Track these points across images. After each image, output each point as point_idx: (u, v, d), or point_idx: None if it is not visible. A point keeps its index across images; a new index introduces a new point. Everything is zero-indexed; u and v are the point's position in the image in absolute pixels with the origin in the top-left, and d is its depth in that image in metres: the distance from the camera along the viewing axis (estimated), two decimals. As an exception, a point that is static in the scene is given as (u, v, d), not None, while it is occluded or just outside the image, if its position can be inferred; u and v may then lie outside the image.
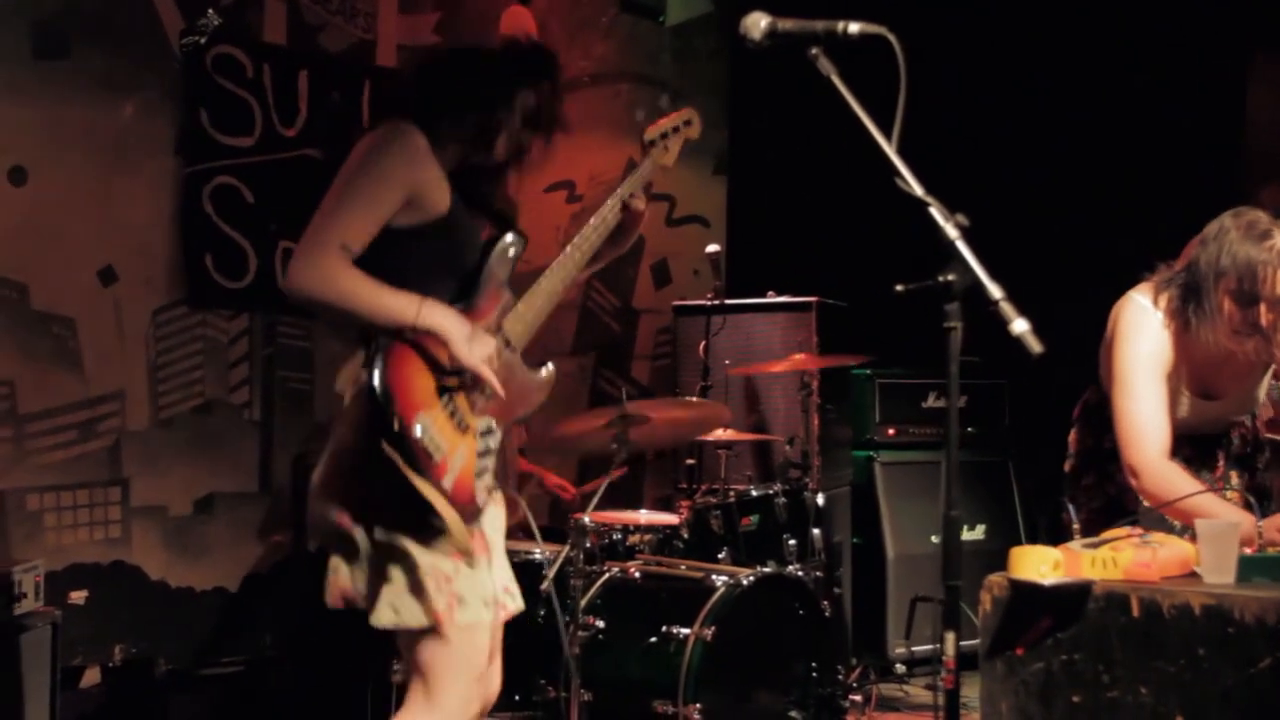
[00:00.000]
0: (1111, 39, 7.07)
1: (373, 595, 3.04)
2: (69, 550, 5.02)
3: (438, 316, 3.04)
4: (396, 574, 3.03)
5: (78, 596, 4.97)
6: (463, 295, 3.19)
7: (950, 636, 2.54)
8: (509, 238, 3.32)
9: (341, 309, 3.04)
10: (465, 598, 3.07)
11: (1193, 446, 3.90)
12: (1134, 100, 6.95)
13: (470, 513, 3.07)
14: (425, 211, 3.13)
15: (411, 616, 3.03)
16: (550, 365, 3.33)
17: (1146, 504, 3.75)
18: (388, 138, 3.13)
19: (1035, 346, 2.43)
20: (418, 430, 2.96)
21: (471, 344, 3.07)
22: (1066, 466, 4.36)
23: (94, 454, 5.09)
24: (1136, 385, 3.77)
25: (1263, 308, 3.62)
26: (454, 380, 3.07)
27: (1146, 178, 6.38)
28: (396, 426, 2.94)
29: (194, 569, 5.26)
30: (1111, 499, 3.92)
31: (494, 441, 3.16)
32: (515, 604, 3.26)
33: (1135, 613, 3.22)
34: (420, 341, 3.03)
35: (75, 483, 5.05)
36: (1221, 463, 4.01)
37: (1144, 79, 6.97)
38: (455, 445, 3.05)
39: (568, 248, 3.38)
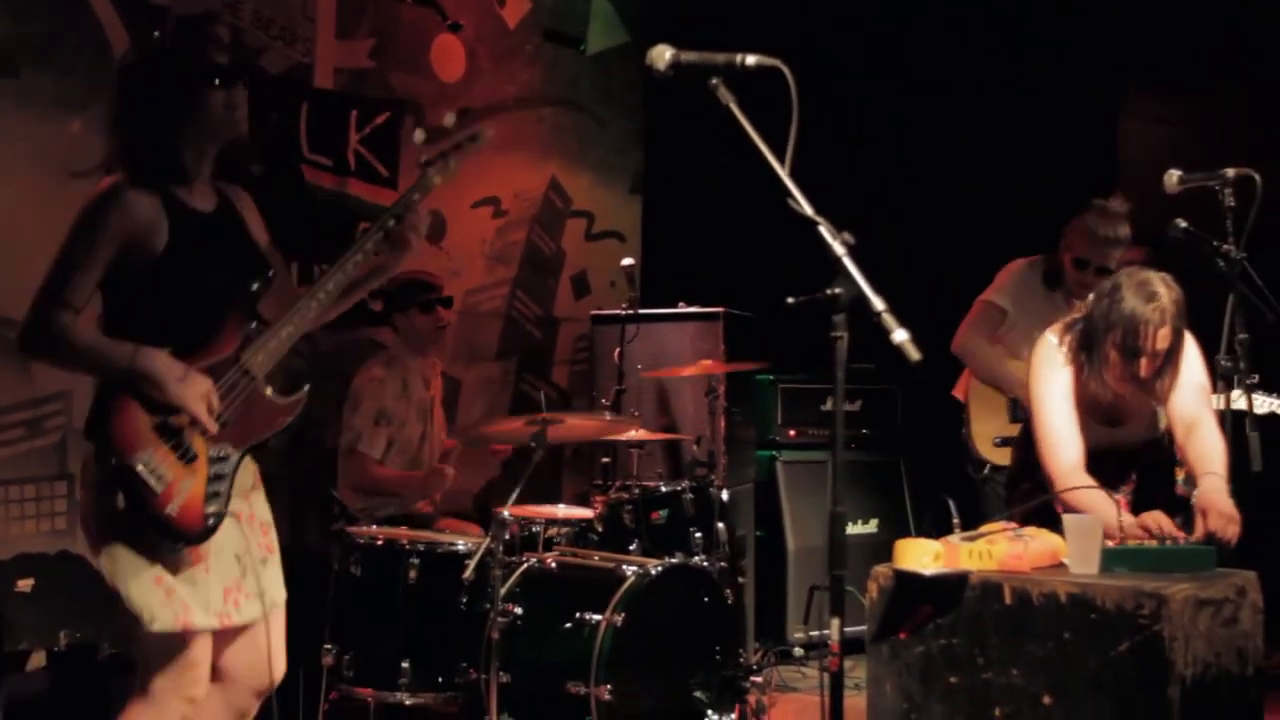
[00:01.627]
0: (995, 75, 7.17)
1: (129, 604, 3.15)
2: (16, 541, 4.92)
3: (148, 361, 3.10)
4: (136, 587, 3.14)
5: (25, 585, 4.89)
6: (198, 330, 3.22)
7: (835, 622, 2.57)
8: (253, 274, 3.33)
9: (67, 363, 3.21)
10: (191, 605, 3.18)
11: (1107, 464, 3.98)
12: (1015, 131, 7.05)
13: (197, 534, 3.16)
14: (141, 257, 3.17)
15: (160, 622, 3.14)
16: (304, 389, 3.35)
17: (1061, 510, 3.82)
18: (97, 200, 3.19)
19: (913, 354, 2.46)
20: (138, 466, 3.07)
21: (183, 385, 3.12)
22: (1008, 475, 4.52)
23: (41, 450, 4.99)
24: (1049, 409, 3.93)
25: (1144, 361, 3.78)
26: (178, 418, 3.13)
27: (1028, 203, 6.46)
28: (114, 462, 3.07)
29: (136, 559, 5.18)
30: (1044, 503, 3.99)
31: (227, 468, 3.22)
32: (241, 617, 3.31)
33: (1008, 600, 3.27)
34: (137, 386, 3.10)
35: (23, 477, 4.95)
36: (1134, 478, 4.11)
37: (1025, 111, 7.07)
38: (180, 476, 3.13)
39: (323, 281, 3.36)
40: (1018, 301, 5.31)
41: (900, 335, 2.48)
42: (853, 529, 6.68)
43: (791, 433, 6.78)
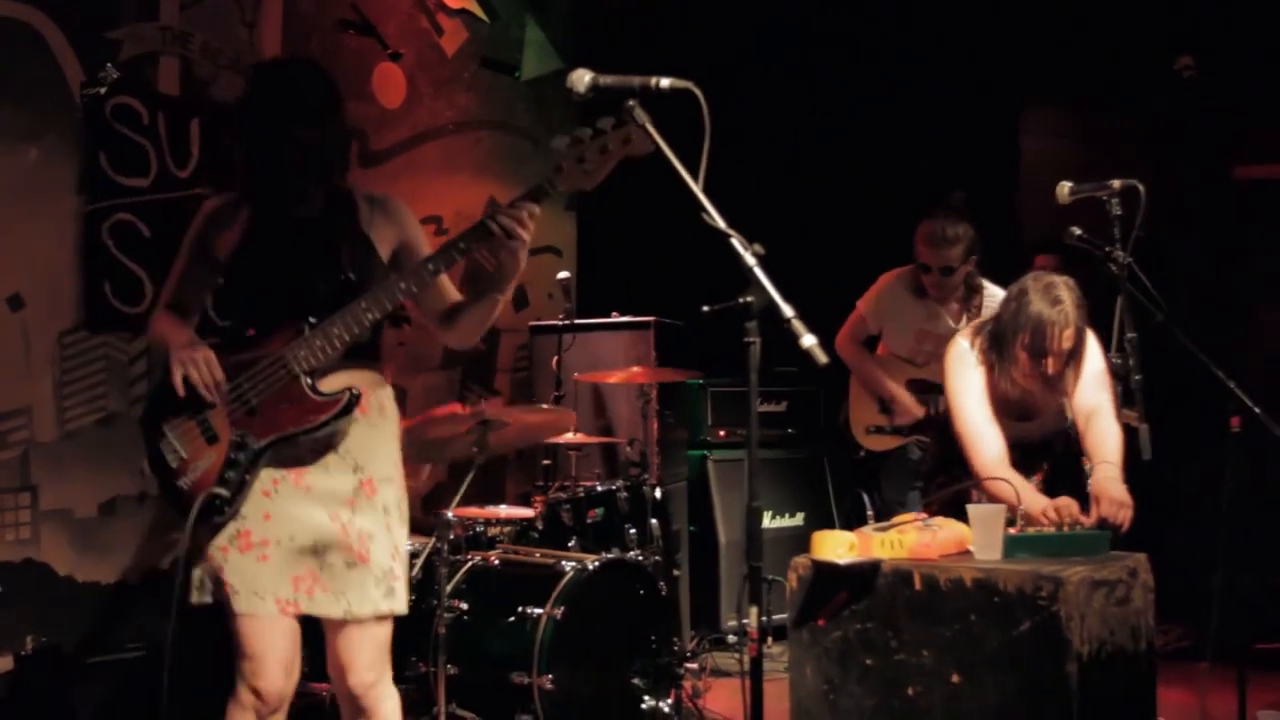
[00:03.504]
0: (903, 91, 7.23)
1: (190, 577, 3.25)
2: (-18, 551, 4.86)
3: (161, 331, 3.27)
4: (196, 559, 3.23)
5: (-9, 592, 4.82)
6: (259, 325, 3.25)
7: (753, 611, 2.57)
8: (325, 277, 3.30)
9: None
10: (235, 587, 3.18)
11: (1019, 455, 4.02)
12: (923, 145, 7.11)
13: (200, 512, 3.16)
14: (216, 261, 3.32)
15: (208, 594, 3.23)
16: (344, 391, 3.21)
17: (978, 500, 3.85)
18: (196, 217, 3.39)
19: (821, 358, 2.47)
20: (162, 438, 3.18)
21: (183, 350, 3.14)
22: (926, 467, 4.53)
23: (4, 463, 4.91)
24: (966, 408, 3.97)
25: (1050, 360, 3.83)
26: (208, 398, 3.17)
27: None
28: (146, 435, 3.21)
29: (99, 566, 5.11)
30: (958, 493, 4.03)
31: (244, 455, 3.17)
32: (314, 607, 3.24)
33: (918, 586, 3.29)
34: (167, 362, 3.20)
35: (-12, 489, 4.89)
36: (1045, 468, 4.17)
37: (932, 124, 7.13)
38: (200, 453, 3.16)
39: (393, 283, 3.33)
40: (879, 311, 5.40)
41: (808, 340, 2.49)
42: (779, 522, 6.70)
43: (721, 433, 6.79)
